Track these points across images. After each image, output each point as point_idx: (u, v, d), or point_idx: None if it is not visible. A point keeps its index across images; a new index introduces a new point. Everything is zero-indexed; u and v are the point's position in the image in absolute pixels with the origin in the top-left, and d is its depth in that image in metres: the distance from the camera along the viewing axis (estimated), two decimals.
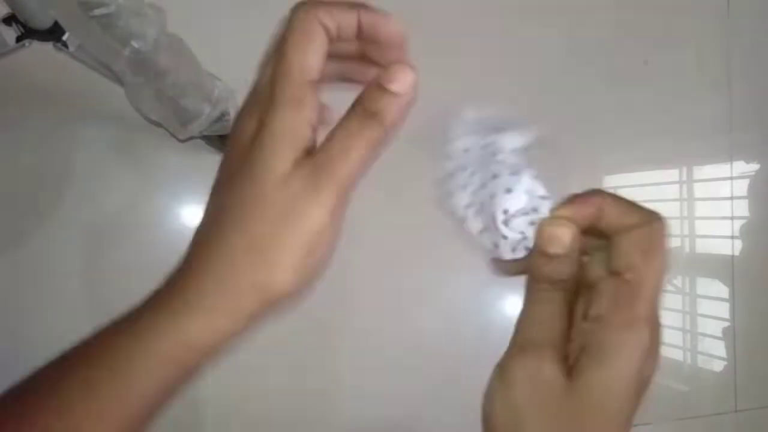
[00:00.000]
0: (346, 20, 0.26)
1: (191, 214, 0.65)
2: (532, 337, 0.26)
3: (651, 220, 0.25)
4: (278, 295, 0.25)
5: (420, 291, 0.72)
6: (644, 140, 0.77)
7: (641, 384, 0.25)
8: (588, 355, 0.25)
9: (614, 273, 0.25)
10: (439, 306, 0.73)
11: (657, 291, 0.25)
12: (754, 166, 0.84)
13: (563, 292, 0.26)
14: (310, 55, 0.26)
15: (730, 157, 0.82)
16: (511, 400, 0.26)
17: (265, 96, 0.26)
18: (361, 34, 0.27)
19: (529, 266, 0.28)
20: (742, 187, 0.84)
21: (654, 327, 0.24)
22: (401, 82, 0.26)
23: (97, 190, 0.64)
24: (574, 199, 0.26)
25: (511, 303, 0.73)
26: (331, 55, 0.27)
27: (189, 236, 0.26)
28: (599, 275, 0.26)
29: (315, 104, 0.26)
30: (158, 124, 0.53)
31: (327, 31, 0.26)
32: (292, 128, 0.25)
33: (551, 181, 0.30)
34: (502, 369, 0.26)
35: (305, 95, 0.26)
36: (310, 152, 0.26)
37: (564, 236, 0.26)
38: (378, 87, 0.26)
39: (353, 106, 0.26)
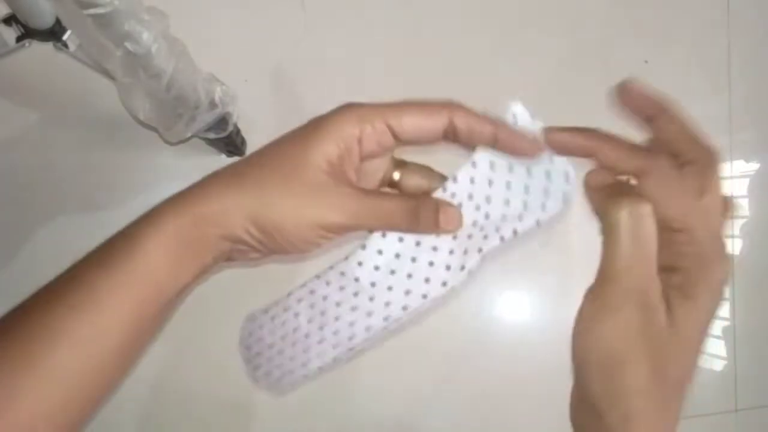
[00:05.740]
0: (480, 128, 0.31)
1: None
2: (630, 264, 0.27)
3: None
4: (231, 217, 0.29)
5: None
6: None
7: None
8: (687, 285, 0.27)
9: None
10: (440, 307, 0.73)
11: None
12: (753, 166, 0.84)
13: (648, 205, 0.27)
14: (408, 119, 0.30)
15: (730, 157, 0.82)
16: (611, 332, 0.27)
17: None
18: (496, 145, 0.31)
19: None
20: (742, 186, 0.84)
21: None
22: (449, 224, 0.31)
23: (95, 190, 0.64)
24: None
25: (511, 302, 0.74)
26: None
27: None
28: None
29: (376, 140, 0.30)
30: (147, 125, 0.53)
31: (451, 125, 0.30)
32: (340, 131, 0.29)
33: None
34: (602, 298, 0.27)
35: (369, 124, 0.30)
36: (348, 172, 0.30)
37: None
38: (436, 206, 0.31)
39: (409, 199, 0.31)
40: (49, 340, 0.27)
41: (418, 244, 0.31)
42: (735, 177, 0.83)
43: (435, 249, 0.31)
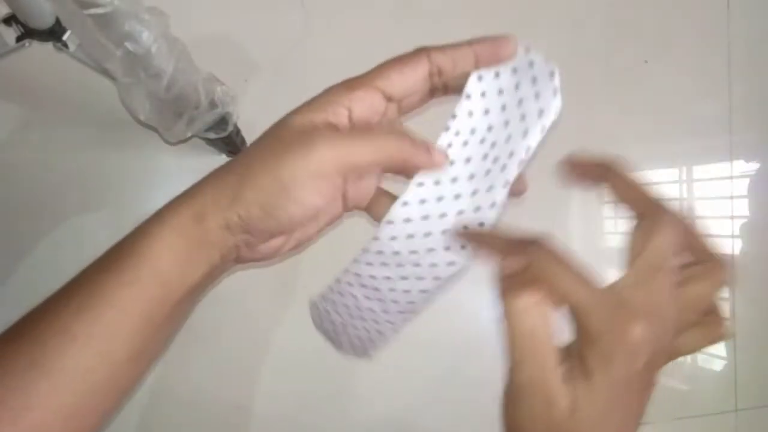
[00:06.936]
0: (460, 54, 0.30)
1: None
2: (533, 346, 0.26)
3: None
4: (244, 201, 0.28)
5: None
6: (644, 140, 0.77)
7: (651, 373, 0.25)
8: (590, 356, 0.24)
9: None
10: (439, 305, 0.73)
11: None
12: (754, 166, 0.84)
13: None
14: (393, 74, 0.30)
15: (730, 157, 0.82)
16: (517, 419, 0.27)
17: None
18: (479, 62, 0.30)
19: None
20: (742, 186, 0.84)
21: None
22: (439, 155, 0.31)
23: (95, 190, 0.64)
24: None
25: None
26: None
27: None
28: None
29: (369, 103, 0.30)
30: (147, 125, 0.53)
31: (433, 65, 0.30)
32: (325, 97, 0.30)
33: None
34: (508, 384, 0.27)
35: (359, 89, 0.30)
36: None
37: None
38: (425, 141, 0.30)
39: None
40: (60, 341, 0.26)
41: (439, 199, 0.31)
42: (735, 177, 0.83)
43: (458, 197, 0.30)
